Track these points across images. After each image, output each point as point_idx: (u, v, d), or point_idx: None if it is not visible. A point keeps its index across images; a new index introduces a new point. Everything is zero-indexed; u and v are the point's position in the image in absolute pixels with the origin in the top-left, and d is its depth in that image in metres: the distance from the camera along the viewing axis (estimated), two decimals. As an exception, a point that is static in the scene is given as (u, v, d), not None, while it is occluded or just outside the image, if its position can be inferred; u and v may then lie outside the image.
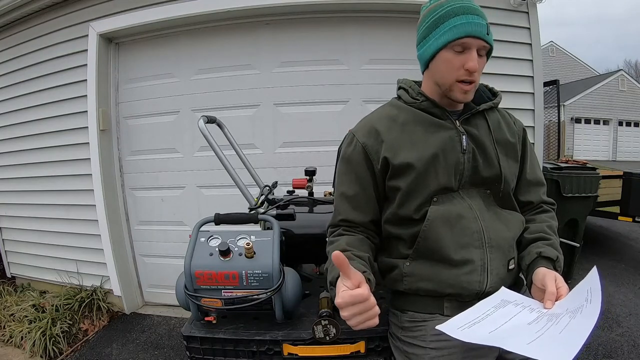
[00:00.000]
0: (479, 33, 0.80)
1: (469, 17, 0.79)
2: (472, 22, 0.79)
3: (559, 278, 0.78)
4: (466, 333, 0.69)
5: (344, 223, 0.93)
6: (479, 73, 0.84)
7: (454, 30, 0.80)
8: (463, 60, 0.81)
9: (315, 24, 2.40)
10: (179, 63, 2.55)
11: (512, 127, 0.96)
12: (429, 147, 0.85)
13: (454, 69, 0.82)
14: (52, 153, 2.75)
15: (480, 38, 0.80)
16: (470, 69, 0.81)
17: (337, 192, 0.96)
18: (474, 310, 0.76)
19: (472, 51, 0.81)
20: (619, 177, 3.58)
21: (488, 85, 1.00)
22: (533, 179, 0.98)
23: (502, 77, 2.23)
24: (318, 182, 1.49)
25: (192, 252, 1.00)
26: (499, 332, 0.68)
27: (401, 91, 0.97)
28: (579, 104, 13.99)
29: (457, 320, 0.74)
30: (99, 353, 2.25)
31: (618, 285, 3.03)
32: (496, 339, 0.66)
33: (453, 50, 0.82)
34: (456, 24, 0.80)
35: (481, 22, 0.80)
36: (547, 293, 0.75)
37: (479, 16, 0.80)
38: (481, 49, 0.82)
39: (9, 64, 2.84)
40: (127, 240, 2.77)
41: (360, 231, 0.92)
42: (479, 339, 0.67)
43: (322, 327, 0.94)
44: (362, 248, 0.87)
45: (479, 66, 0.82)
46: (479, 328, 0.70)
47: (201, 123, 1.32)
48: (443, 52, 0.83)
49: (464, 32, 0.79)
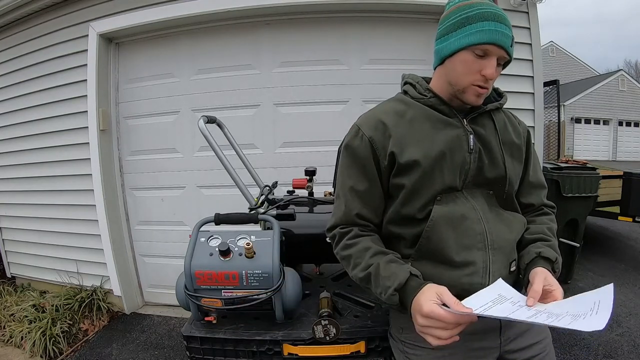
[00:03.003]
0: (504, 43, 0.80)
1: (498, 25, 0.79)
2: (500, 31, 0.79)
3: (550, 278, 0.77)
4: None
5: (360, 220, 0.88)
6: (494, 81, 0.84)
7: (481, 34, 0.79)
8: (482, 65, 0.81)
9: (315, 24, 2.40)
10: (179, 63, 2.55)
11: (517, 128, 0.95)
12: (436, 144, 0.84)
13: (471, 72, 0.82)
14: (52, 153, 2.75)
15: (504, 48, 0.80)
16: (487, 76, 0.80)
17: (343, 186, 0.90)
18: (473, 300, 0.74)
19: (492, 59, 0.80)
20: (619, 177, 3.58)
21: (493, 86, 0.99)
22: (535, 181, 0.98)
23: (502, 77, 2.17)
24: (318, 182, 1.49)
25: (192, 252, 1.00)
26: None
27: (408, 86, 0.94)
28: (579, 104, 13.99)
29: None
30: (99, 353, 2.25)
31: (618, 285, 3.03)
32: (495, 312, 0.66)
33: (474, 53, 0.81)
34: (484, 28, 0.79)
35: (508, 32, 0.80)
36: (531, 290, 0.74)
37: (507, 27, 0.80)
38: (501, 59, 0.82)
39: (9, 64, 2.84)
40: (127, 240, 2.77)
41: (372, 230, 0.90)
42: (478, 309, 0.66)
43: (322, 327, 0.94)
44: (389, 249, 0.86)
45: (496, 75, 0.82)
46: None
47: (201, 123, 1.32)
48: (463, 52, 0.82)
49: (490, 38, 0.79)
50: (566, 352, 2.10)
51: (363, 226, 0.88)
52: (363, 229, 0.88)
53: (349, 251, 0.85)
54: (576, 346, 2.16)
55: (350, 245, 0.86)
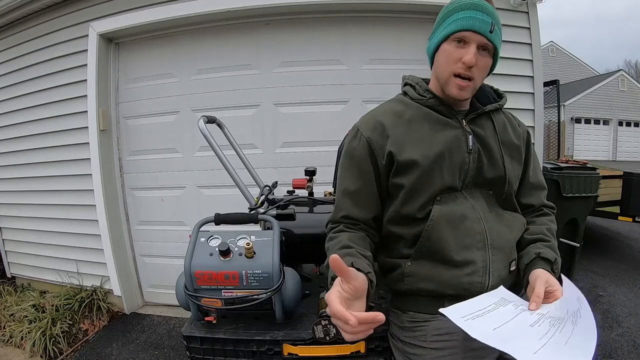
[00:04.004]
0: (479, 28, 0.80)
1: (474, 12, 0.80)
2: (475, 18, 0.80)
3: (551, 279, 0.78)
4: (470, 324, 0.67)
5: (346, 220, 0.91)
6: (480, 71, 0.84)
7: (456, 22, 0.81)
8: (462, 53, 0.82)
9: (315, 24, 2.40)
10: (179, 63, 2.55)
11: (517, 129, 0.96)
12: (435, 145, 0.85)
13: (451, 60, 0.83)
14: (52, 153, 2.74)
15: (481, 34, 0.80)
16: (466, 62, 0.81)
17: (339, 188, 0.94)
18: (477, 302, 0.75)
19: (472, 45, 0.81)
20: (619, 177, 3.58)
21: (493, 87, 0.99)
22: (535, 182, 0.98)
23: (502, 77, 2.23)
24: (318, 182, 1.49)
25: (192, 252, 1.00)
26: (502, 330, 0.67)
27: (407, 87, 0.95)
28: (579, 104, 13.99)
29: (462, 308, 0.72)
30: (99, 353, 2.25)
31: (618, 285, 3.03)
32: (501, 341, 0.64)
33: (454, 43, 0.83)
34: (460, 17, 0.81)
35: (485, 19, 0.80)
36: (533, 295, 0.75)
37: (485, 13, 0.81)
38: (482, 45, 0.82)
39: (9, 64, 2.84)
40: (127, 240, 2.77)
41: (361, 228, 0.91)
42: (482, 336, 0.64)
43: (322, 327, 0.94)
44: (364, 246, 0.86)
45: (480, 64, 0.82)
46: (483, 322, 0.69)
47: (201, 123, 1.32)
48: (444, 44, 0.85)
49: (465, 25, 0.80)
50: (566, 352, 2.10)
51: (351, 224, 0.91)
52: (349, 226, 0.90)
53: (329, 244, 0.90)
54: (576, 346, 2.16)
55: (331, 238, 0.90)
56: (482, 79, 0.87)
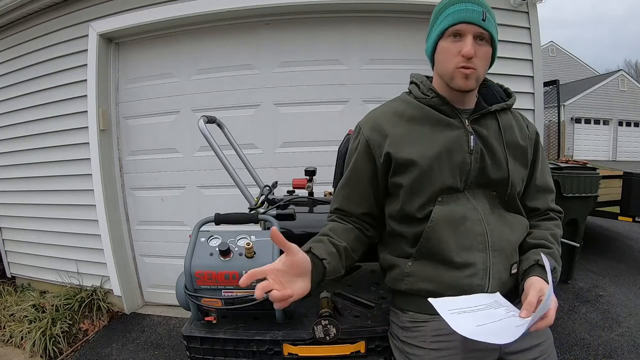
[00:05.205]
0: (472, 19, 0.80)
1: (464, 4, 0.81)
2: (466, 9, 0.80)
3: (545, 289, 0.75)
4: (454, 318, 0.70)
5: (338, 212, 0.95)
6: (481, 61, 0.83)
7: (448, 17, 0.82)
8: (460, 47, 0.81)
9: (315, 24, 2.40)
10: (179, 63, 2.55)
11: (524, 130, 0.94)
12: (434, 145, 0.84)
13: (451, 56, 0.83)
14: (52, 153, 2.74)
15: (474, 23, 0.80)
16: (465, 54, 0.80)
17: (339, 183, 0.98)
18: (470, 299, 0.77)
19: (468, 37, 0.81)
20: (619, 177, 3.57)
21: (503, 86, 0.98)
22: (542, 185, 0.96)
23: (502, 77, 2.21)
24: (318, 182, 1.49)
25: (192, 252, 1.00)
26: (486, 327, 0.69)
27: (412, 86, 0.95)
28: (579, 104, 13.99)
29: (450, 302, 0.75)
30: (99, 353, 2.25)
31: (618, 285, 3.03)
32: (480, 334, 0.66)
33: (450, 38, 0.83)
34: (450, 12, 0.82)
35: (475, 8, 0.80)
36: (525, 302, 0.74)
37: (475, 3, 0.81)
38: (478, 35, 0.82)
39: (9, 64, 2.84)
40: (127, 240, 2.77)
41: (352, 221, 0.93)
42: (463, 330, 0.67)
43: (322, 327, 0.95)
44: (343, 236, 0.88)
45: (479, 53, 0.81)
46: (468, 318, 0.71)
47: (201, 123, 1.32)
48: (441, 42, 0.85)
49: (457, 18, 0.81)
50: (566, 352, 2.10)
51: (343, 216, 0.95)
52: (341, 218, 0.94)
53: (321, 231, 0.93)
54: (576, 346, 2.16)
55: (324, 226, 0.94)
56: (485, 68, 0.86)
